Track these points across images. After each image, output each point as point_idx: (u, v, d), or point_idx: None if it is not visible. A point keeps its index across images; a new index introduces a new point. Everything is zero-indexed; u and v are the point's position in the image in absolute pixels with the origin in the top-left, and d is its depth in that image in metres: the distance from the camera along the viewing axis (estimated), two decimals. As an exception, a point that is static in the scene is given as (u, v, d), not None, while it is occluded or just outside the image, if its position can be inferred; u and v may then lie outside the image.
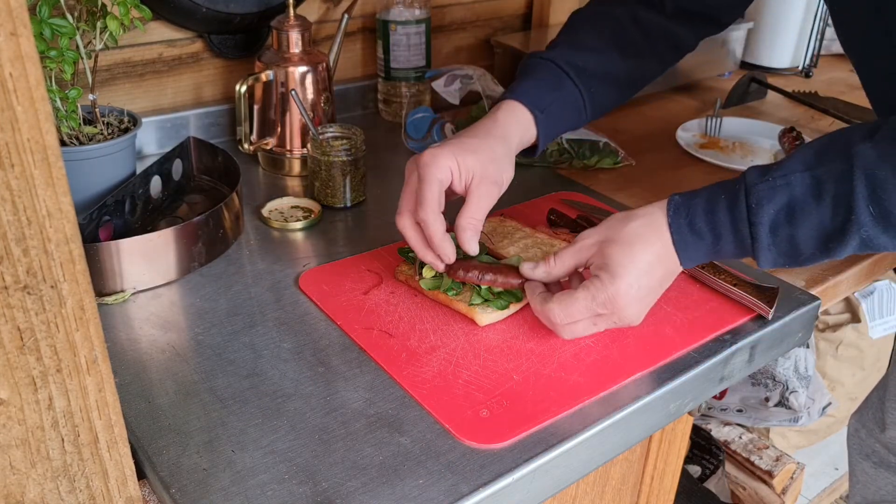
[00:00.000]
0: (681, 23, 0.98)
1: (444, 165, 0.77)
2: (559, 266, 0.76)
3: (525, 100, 0.87)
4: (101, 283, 0.81)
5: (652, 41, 0.97)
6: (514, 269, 0.78)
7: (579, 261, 0.75)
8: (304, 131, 1.10)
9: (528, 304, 0.80)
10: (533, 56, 0.93)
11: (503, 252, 0.87)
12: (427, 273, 0.79)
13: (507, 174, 0.82)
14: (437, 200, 0.77)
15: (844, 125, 1.34)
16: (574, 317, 0.73)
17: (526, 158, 0.93)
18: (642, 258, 0.72)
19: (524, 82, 0.89)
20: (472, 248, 0.78)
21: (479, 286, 0.78)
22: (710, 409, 1.70)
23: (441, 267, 0.79)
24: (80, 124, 0.93)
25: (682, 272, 0.86)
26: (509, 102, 0.87)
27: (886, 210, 0.65)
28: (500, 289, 0.79)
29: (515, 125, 0.86)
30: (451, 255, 0.78)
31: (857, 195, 0.66)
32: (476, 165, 0.78)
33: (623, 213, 0.76)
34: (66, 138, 0.92)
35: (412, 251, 0.81)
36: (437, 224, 0.76)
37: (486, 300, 0.78)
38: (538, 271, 0.77)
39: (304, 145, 1.11)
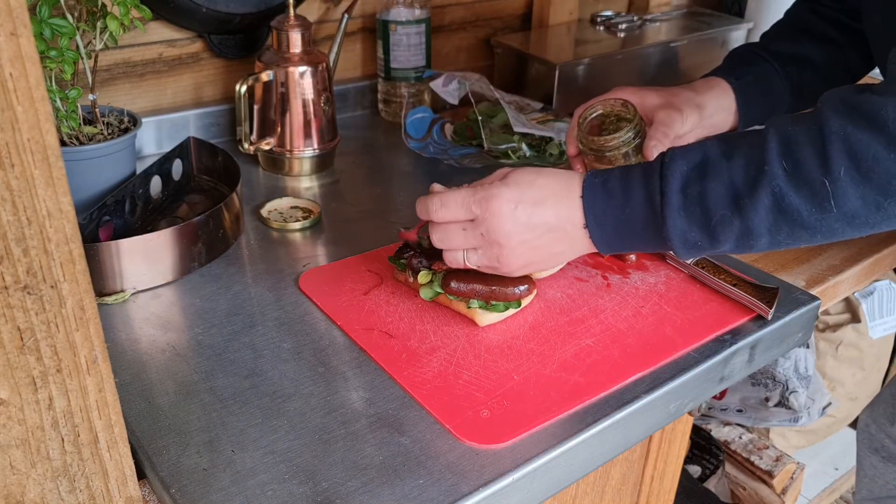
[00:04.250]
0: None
1: (628, 91, 0.91)
2: (470, 187, 0.75)
3: (720, 73, 0.95)
4: (101, 283, 0.81)
5: (844, 33, 0.99)
6: (512, 279, 0.77)
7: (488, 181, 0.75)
8: (306, 132, 1.10)
9: (527, 306, 0.80)
10: (732, 50, 1.02)
11: None
12: (422, 279, 0.79)
13: (688, 111, 0.90)
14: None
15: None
16: (448, 205, 0.72)
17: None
18: (540, 184, 0.72)
19: (722, 64, 0.98)
20: (650, 155, 0.86)
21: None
22: (710, 409, 1.70)
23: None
24: (80, 124, 0.93)
25: (683, 274, 0.86)
26: (707, 77, 0.95)
27: (799, 164, 0.64)
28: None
29: (706, 86, 0.93)
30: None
31: (769, 149, 0.66)
32: (657, 100, 0.90)
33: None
34: (66, 138, 0.92)
35: (402, 258, 0.82)
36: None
37: (483, 307, 0.77)
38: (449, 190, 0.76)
39: (304, 145, 1.11)
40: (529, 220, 0.71)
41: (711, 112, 0.91)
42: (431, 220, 0.74)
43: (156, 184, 0.98)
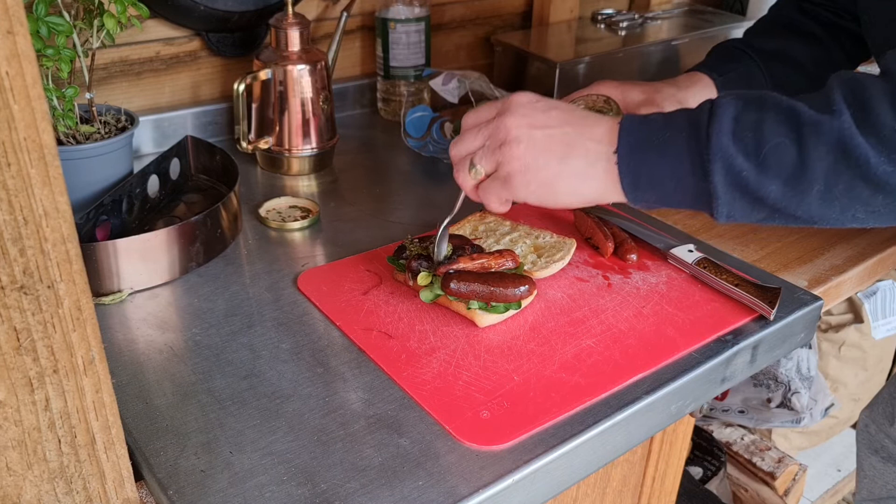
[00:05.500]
0: (852, 22, 0.99)
1: (610, 85, 0.89)
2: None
3: (703, 68, 0.94)
4: (98, 283, 0.81)
5: (830, 31, 0.99)
6: (513, 280, 0.77)
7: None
8: (304, 130, 1.10)
9: (528, 306, 0.80)
10: (715, 46, 1.01)
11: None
12: (422, 281, 0.79)
13: (670, 107, 0.88)
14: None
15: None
16: (480, 109, 0.74)
17: None
18: (575, 109, 0.71)
19: (704, 60, 0.97)
20: None
21: None
22: (711, 410, 1.70)
23: None
24: (76, 123, 0.93)
25: (685, 274, 0.86)
26: (689, 72, 0.95)
27: (868, 108, 0.60)
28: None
29: (689, 81, 0.92)
30: None
31: (834, 91, 0.61)
32: (639, 95, 0.89)
33: None
34: (62, 137, 0.92)
35: (402, 259, 0.82)
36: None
37: (483, 308, 0.77)
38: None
39: (303, 144, 1.11)
40: (547, 111, 0.69)
41: (692, 99, 0.91)
42: (463, 129, 0.75)
43: (153, 183, 0.98)
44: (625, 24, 1.53)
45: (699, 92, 0.92)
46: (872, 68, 0.93)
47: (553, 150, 0.67)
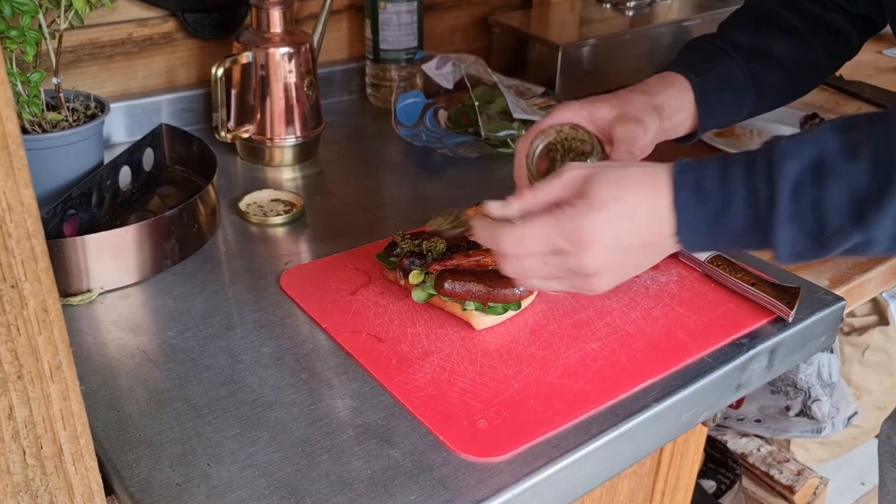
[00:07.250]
0: (839, 14, 0.98)
1: (572, 109, 0.84)
2: (537, 198, 0.70)
3: (677, 68, 0.91)
4: (65, 282, 0.81)
5: (813, 26, 0.97)
6: (511, 280, 0.77)
7: (561, 195, 0.69)
8: (287, 118, 1.10)
9: (528, 307, 0.80)
10: (688, 42, 0.98)
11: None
12: (414, 280, 0.79)
13: (648, 119, 0.85)
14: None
15: (873, 109, 1.35)
16: (527, 243, 0.68)
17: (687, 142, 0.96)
18: (626, 197, 0.67)
19: (677, 58, 0.94)
20: None
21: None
22: (725, 419, 1.70)
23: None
24: (42, 110, 0.93)
25: (697, 273, 0.86)
26: (661, 73, 0.91)
27: None
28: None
29: (662, 85, 0.89)
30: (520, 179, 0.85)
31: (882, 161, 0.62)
32: (609, 113, 0.84)
33: (622, 162, 0.74)
34: (27, 125, 0.92)
35: (392, 256, 0.82)
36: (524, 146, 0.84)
37: (480, 309, 0.77)
38: (512, 207, 0.70)
39: (286, 133, 1.11)
40: (623, 247, 0.68)
41: (670, 113, 0.88)
42: (503, 253, 0.70)
43: (125, 175, 0.98)
44: (632, 3, 1.53)
45: (675, 96, 0.88)
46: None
47: (638, 265, 0.71)
